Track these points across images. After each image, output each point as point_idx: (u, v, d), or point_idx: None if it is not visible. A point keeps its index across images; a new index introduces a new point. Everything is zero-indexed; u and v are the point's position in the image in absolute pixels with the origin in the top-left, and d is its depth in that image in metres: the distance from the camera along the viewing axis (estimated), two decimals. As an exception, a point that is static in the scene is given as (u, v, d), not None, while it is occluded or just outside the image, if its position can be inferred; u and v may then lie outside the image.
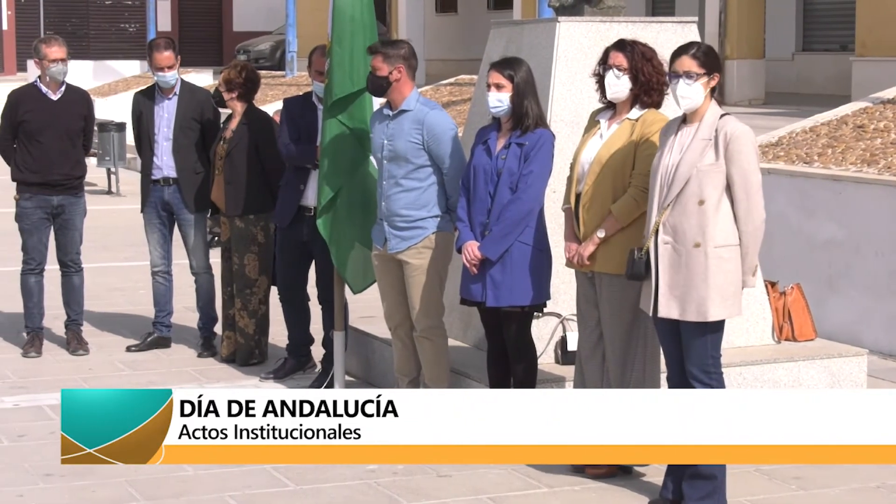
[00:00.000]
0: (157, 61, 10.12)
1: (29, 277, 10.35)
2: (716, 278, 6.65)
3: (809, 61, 23.50)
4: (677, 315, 6.72)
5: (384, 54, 8.01)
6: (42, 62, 10.10)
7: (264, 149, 9.70)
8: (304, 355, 9.69)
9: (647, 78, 7.14)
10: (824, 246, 10.95)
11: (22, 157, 10.17)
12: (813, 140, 12.32)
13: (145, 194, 10.32)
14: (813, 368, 8.61)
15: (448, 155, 7.93)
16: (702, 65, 6.69)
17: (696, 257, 6.66)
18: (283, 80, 28.17)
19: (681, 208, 6.67)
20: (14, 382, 9.50)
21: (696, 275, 6.66)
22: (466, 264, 7.55)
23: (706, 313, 6.67)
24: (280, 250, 9.52)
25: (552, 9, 9.00)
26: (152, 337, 10.54)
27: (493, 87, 7.50)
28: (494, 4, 33.04)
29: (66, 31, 38.08)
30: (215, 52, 41.04)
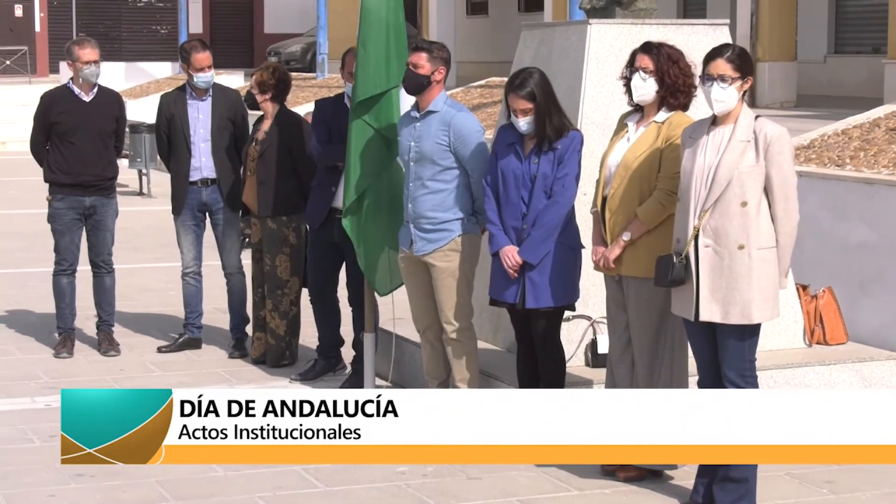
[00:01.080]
0: (196, 62, 10.15)
1: (61, 278, 10.40)
2: (759, 280, 6.64)
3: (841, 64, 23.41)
4: (720, 318, 6.69)
5: (429, 53, 8.02)
6: (75, 64, 10.14)
7: (296, 150, 9.72)
8: (334, 357, 9.70)
9: (673, 80, 7.13)
10: (856, 249, 10.90)
11: (54, 159, 10.21)
12: (845, 143, 12.28)
13: (181, 196, 10.32)
14: (844, 372, 8.58)
15: (474, 157, 7.92)
16: (737, 68, 6.67)
17: (741, 259, 6.64)
18: (314, 81, 28.21)
19: (722, 211, 6.64)
20: (46, 383, 9.54)
21: (740, 277, 6.64)
22: (507, 269, 7.53)
23: (751, 315, 6.66)
24: (311, 251, 9.54)
25: (583, 11, 8.99)
26: (183, 338, 10.57)
27: (518, 112, 7.44)
28: (525, 7, 33.02)
29: (98, 33, 38.14)
30: (247, 54, 41.12)
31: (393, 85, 8.52)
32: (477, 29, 34.16)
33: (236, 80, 29.24)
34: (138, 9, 42.48)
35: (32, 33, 39.89)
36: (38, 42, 39.62)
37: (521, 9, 33.35)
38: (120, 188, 11.19)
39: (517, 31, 9.85)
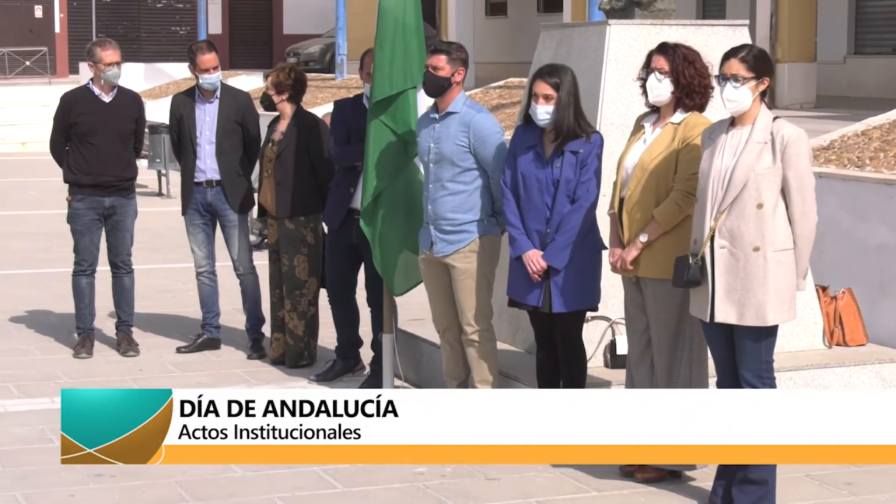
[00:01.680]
0: (201, 63, 10.17)
1: (80, 279, 10.42)
2: (775, 282, 6.63)
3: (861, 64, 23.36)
4: (735, 320, 6.69)
5: (448, 55, 8.02)
6: (97, 66, 10.16)
7: (314, 150, 9.74)
8: (352, 357, 9.70)
9: (688, 81, 7.11)
10: (876, 250, 10.87)
11: (74, 159, 10.23)
12: (865, 144, 12.25)
13: (187, 196, 10.36)
14: (864, 374, 8.56)
15: (494, 158, 7.91)
16: (750, 68, 6.65)
17: (756, 261, 6.63)
18: (332, 82, 28.24)
19: (738, 212, 6.63)
20: (65, 383, 9.55)
21: (755, 279, 6.63)
22: (531, 274, 7.53)
23: (765, 317, 6.64)
24: (330, 252, 9.55)
25: (602, 12, 8.99)
26: (202, 338, 10.59)
27: (540, 97, 7.46)
28: (544, 7, 33.02)
29: (117, 34, 38.23)
30: (265, 55, 41.18)
31: (410, 85, 8.52)
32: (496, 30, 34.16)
33: (255, 81, 29.27)
34: (157, 10, 42.57)
35: (52, 34, 39.99)
36: (57, 43, 39.72)
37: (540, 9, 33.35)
38: (139, 189, 11.22)
39: (536, 31, 9.84)
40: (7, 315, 11.87)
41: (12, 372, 9.88)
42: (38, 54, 36.46)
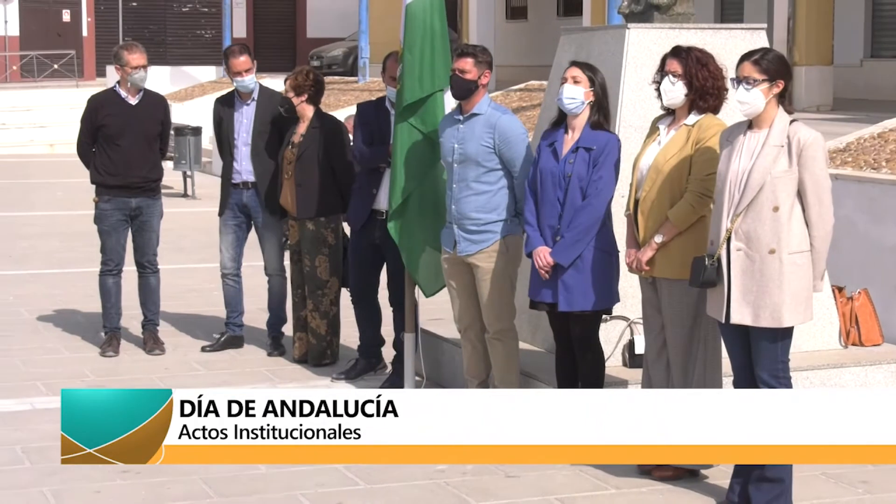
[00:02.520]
0: (233, 66, 10.20)
1: (107, 278, 10.45)
2: (791, 284, 6.61)
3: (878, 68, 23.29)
4: (750, 321, 6.67)
5: (475, 58, 8.03)
6: (124, 69, 10.18)
7: (334, 151, 9.74)
8: (374, 356, 9.71)
9: (701, 83, 7.11)
10: (892, 251, 10.85)
11: (101, 161, 10.26)
12: (881, 146, 12.22)
13: (225, 197, 10.39)
14: (880, 373, 8.54)
15: (519, 159, 7.92)
16: (762, 70, 6.63)
17: (771, 264, 6.62)
18: (355, 85, 28.29)
19: (754, 215, 6.62)
20: (92, 381, 9.58)
21: (770, 281, 6.61)
22: (538, 270, 7.55)
23: (781, 319, 6.63)
24: (352, 252, 9.55)
25: (622, 15, 8.98)
26: (225, 337, 10.61)
27: (570, 79, 7.48)
28: (564, 11, 33.00)
29: (143, 37, 38.37)
30: (289, 58, 41.22)
31: (437, 88, 8.53)
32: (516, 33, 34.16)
33: (279, 84, 29.29)
34: (183, 14, 42.68)
35: (80, 38, 40.11)
36: (85, 46, 39.83)
37: (560, 13, 33.33)
38: (164, 190, 11.24)
39: (556, 35, 9.83)
40: (35, 314, 11.91)
41: (40, 370, 9.91)
42: (65, 57, 36.57)
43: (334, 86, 27.11)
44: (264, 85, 10.54)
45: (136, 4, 41.52)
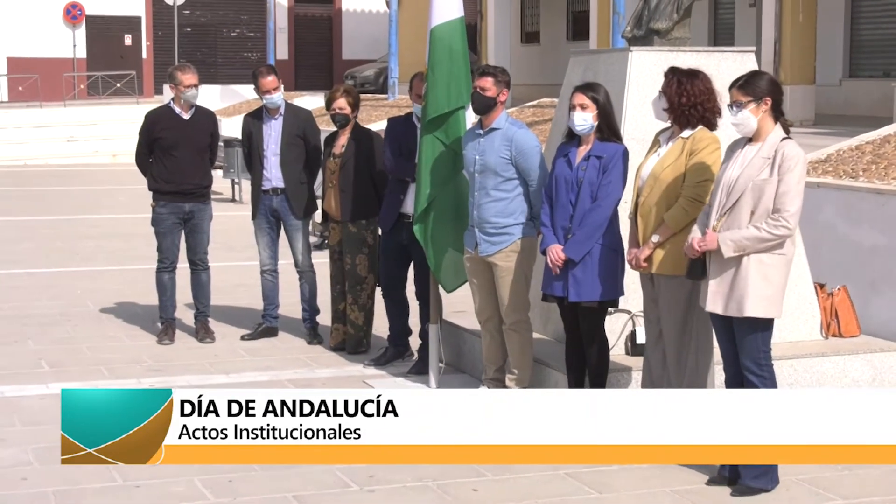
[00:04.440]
0: (262, 85, 10.21)
1: (163, 275, 10.47)
2: (755, 280, 6.60)
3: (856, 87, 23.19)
4: (721, 310, 6.70)
5: (495, 77, 8.03)
6: (178, 87, 10.20)
7: (371, 160, 9.74)
8: (403, 345, 9.71)
9: (677, 99, 7.11)
10: (868, 252, 10.80)
11: (157, 170, 10.27)
12: (858, 157, 12.17)
13: (256, 203, 10.40)
14: (857, 362, 8.50)
15: (534, 168, 7.92)
16: (745, 93, 6.65)
17: (742, 261, 6.62)
18: (385, 102, 28.27)
19: (734, 216, 6.63)
20: (150, 366, 9.60)
21: (739, 276, 6.63)
22: (551, 265, 7.54)
23: (744, 309, 6.62)
24: (383, 252, 9.55)
25: (625, 39, 8.95)
26: (262, 327, 10.62)
27: (577, 107, 7.48)
28: (573, 35, 32.91)
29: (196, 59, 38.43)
30: (326, 78, 41.24)
31: (460, 105, 8.52)
32: (530, 55, 34.09)
33: (317, 101, 29.33)
34: (232, 38, 42.72)
35: (140, 60, 40.22)
36: (144, 67, 39.94)
37: (569, 37, 33.24)
38: (214, 195, 11.24)
39: (566, 57, 9.81)
40: (99, 306, 11.93)
41: (104, 356, 9.93)
42: (127, 77, 36.65)
43: (367, 102, 27.10)
44: (290, 102, 10.51)
45: (190, 30, 41.56)
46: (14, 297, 12.45)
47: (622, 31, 9.02)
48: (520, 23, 35.01)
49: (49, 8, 38.76)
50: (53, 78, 36.79)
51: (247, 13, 42.37)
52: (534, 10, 34.93)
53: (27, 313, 11.61)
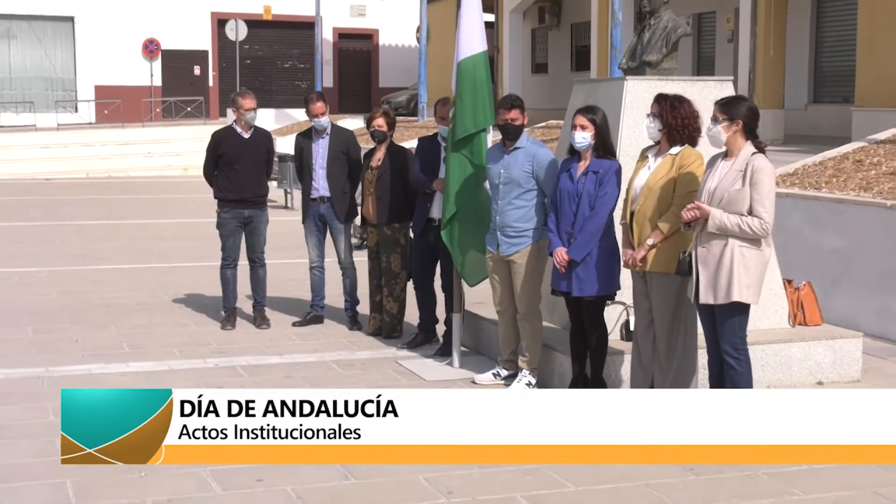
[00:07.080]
0: (312, 110, 10.21)
1: (226, 270, 10.48)
2: (738, 269, 6.62)
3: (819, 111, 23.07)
4: (713, 300, 6.69)
5: (521, 109, 8.10)
6: (239, 111, 10.23)
7: (404, 172, 9.74)
8: (430, 331, 9.70)
9: (670, 122, 7.10)
10: (830, 253, 10.76)
11: (222, 181, 10.30)
12: (821, 171, 12.13)
13: (306, 209, 10.41)
14: (820, 347, 8.46)
15: (551, 182, 7.91)
16: (723, 112, 6.71)
17: (725, 253, 6.64)
18: (415, 123, 28.29)
19: None
20: (215, 349, 9.62)
21: (723, 267, 6.63)
22: (557, 265, 7.53)
23: (731, 295, 6.62)
24: (414, 251, 9.58)
25: (621, 70, 8.92)
26: (310, 315, 10.61)
27: (578, 127, 7.48)
28: (576, 67, 32.82)
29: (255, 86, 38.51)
30: (366, 102, 41.24)
31: (482, 127, 8.51)
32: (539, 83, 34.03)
33: (358, 123, 29.38)
34: (285, 69, 42.76)
35: (206, 87, 40.29)
36: (210, 94, 40.00)
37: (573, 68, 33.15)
38: (270, 203, 11.25)
39: (570, 84, 9.79)
40: (172, 296, 11.96)
41: (175, 339, 9.95)
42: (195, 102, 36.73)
43: (400, 124, 27.10)
44: (335, 124, 10.52)
45: (250, 62, 41.62)
46: (100, 288, 12.50)
47: (619, 62, 8.99)
48: (531, 56, 34.95)
49: (130, 43, 38.91)
50: (134, 103, 36.93)
51: (298, 48, 42.38)
52: (542, 45, 34.87)
53: (111, 303, 11.64)
